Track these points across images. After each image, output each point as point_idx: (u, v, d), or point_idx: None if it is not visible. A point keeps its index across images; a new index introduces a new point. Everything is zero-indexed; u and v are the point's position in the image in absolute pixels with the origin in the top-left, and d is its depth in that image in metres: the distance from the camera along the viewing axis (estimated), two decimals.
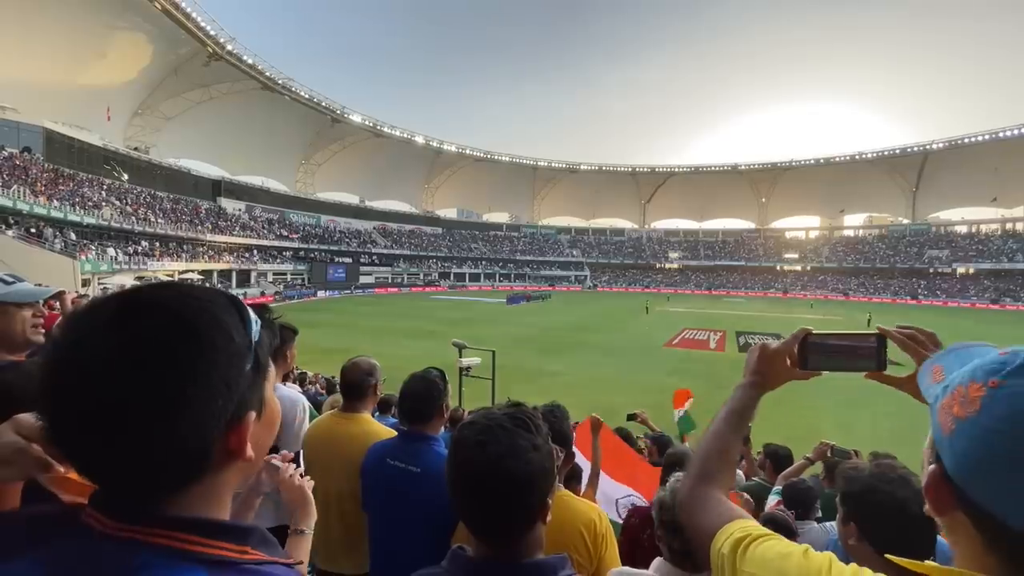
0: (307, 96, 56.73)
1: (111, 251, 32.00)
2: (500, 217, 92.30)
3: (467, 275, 73.43)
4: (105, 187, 38.99)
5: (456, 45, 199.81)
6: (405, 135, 70.34)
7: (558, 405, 1.72)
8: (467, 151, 78.63)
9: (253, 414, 0.54)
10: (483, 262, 76.94)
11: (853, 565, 0.60)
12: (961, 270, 61.79)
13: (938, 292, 58.72)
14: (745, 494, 2.57)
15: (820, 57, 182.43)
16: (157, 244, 38.63)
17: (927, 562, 0.52)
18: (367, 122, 65.09)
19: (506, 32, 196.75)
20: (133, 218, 37.42)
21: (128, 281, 30.56)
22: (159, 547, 0.48)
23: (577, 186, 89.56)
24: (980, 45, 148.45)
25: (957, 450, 0.50)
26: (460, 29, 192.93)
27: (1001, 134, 58.10)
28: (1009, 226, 65.19)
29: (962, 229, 69.91)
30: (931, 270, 64.03)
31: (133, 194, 41.60)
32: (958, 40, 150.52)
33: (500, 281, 73.84)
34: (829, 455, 3.50)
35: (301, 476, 1.25)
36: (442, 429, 1.96)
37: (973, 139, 60.64)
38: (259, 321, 0.58)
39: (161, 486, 0.50)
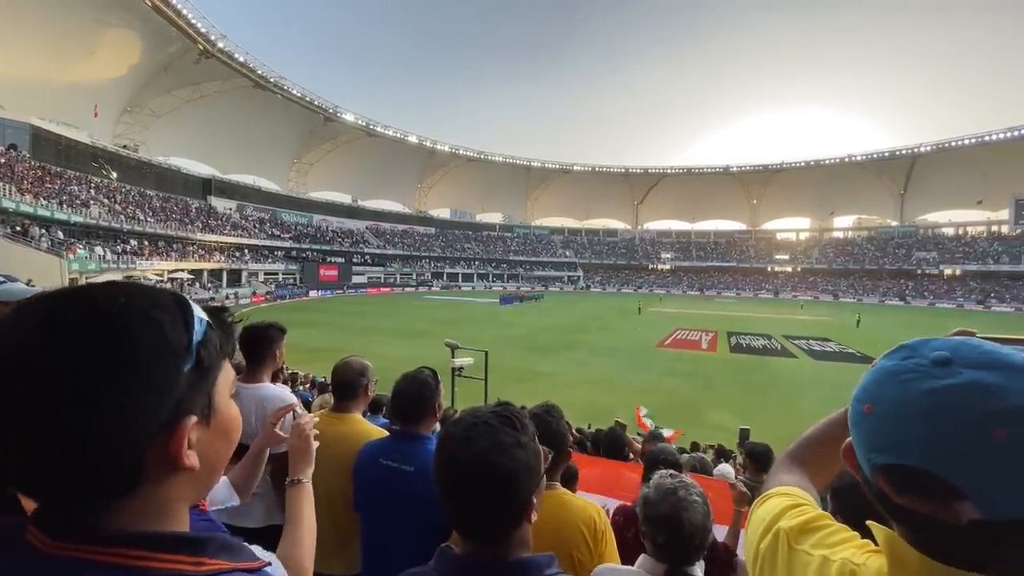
0: (299, 94, 56.41)
1: (99, 250, 31.59)
2: (493, 217, 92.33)
3: (460, 275, 73.33)
4: (93, 185, 38.50)
5: (450, 44, 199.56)
6: (398, 134, 70.16)
7: (553, 405, 1.71)
8: (460, 151, 78.57)
9: (193, 418, 0.50)
10: (476, 262, 76.88)
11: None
12: (948, 272, 62.63)
13: (925, 293, 59.45)
14: (740, 485, 2.59)
15: (812, 60, 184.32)
16: (146, 243, 38.20)
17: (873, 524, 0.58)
18: (360, 121, 64.85)
19: (500, 31, 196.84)
20: (122, 216, 36.98)
21: (116, 280, 30.18)
22: (105, 565, 0.45)
23: (570, 187, 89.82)
24: (966, 51, 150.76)
25: None
26: (454, 28, 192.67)
27: (987, 137, 59.09)
28: (995, 228, 66.21)
29: (949, 231, 70.94)
30: (919, 271, 64.84)
31: (122, 192, 41.11)
32: (945, 46, 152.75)
33: (493, 281, 73.83)
34: None
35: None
36: (435, 429, 1.94)
37: (960, 142, 61.61)
38: (204, 320, 0.53)
39: (90, 497, 0.46)
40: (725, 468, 4.53)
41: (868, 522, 0.59)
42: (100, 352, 0.44)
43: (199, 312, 0.53)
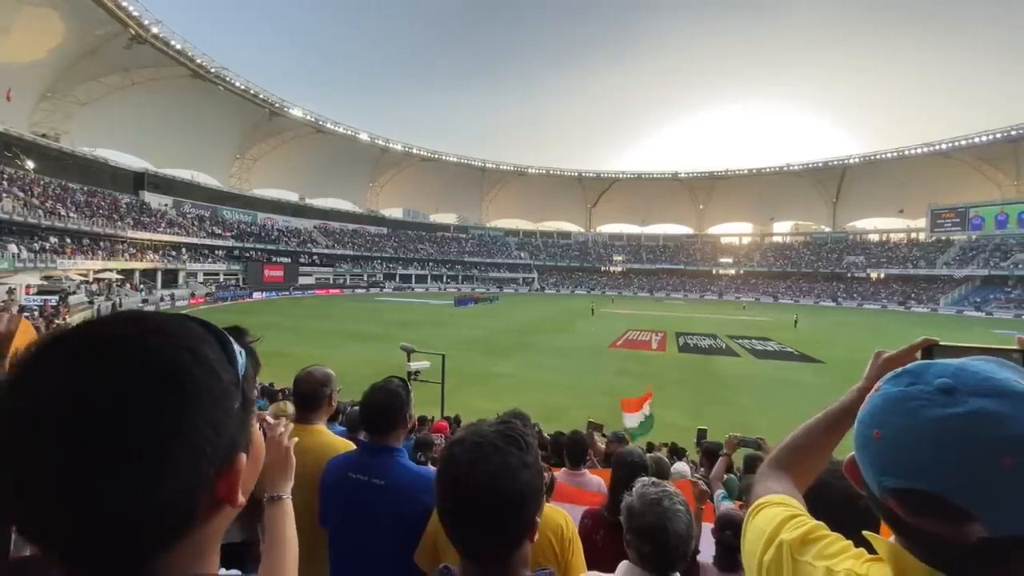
0: (242, 87, 53.85)
1: (12, 247, 28.84)
2: (448, 218, 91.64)
3: (413, 276, 72.21)
4: (6, 176, 35.10)
5: (402, 43, 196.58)
6: (349, 132, 68.32)
7: (523, 414, 1.68)
8: (414, 150, 77.43)
9: (244, 456, 0.48)
10: (430, 263, 75.98)
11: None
12: (874, 275, 67.66)
13: (855, 295, 63.99)
14: (700, 483, 2.65)
15: (754, 69, 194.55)
16: (68, 240, 35.24)
17: (878, 536, 0.61)
18: (308, 117, 62.67)
19: (452, 33, 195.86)
20: (39, 211, 33.92)
21: (33, 280, 27.71)
22: None
23: (525, 189, 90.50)
24: (891, 67, 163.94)
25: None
26: (406, 27, 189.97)
27: (906, 151, 64.44)
28: (913, 235, 72.18)
29: (875, 237, 76.78)
30: (849, 275, 69.69)
31: (40, 185, 37.67)
32: (877, 63, 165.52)
33: (447, 283, 73.18)
34: (738, 445, 3.71)
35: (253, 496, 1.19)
36: (403, 440, 1.86)
37: (883, 156, 66.99)
38: (243, 352, 0.51)
39: (148, 548, 0.43)
40: (681, 467, 4.65)
41: (865, 533, 0.61)
42: (164, 408, 0.41)
43: (235, 344, 0.50)
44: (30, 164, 38.34)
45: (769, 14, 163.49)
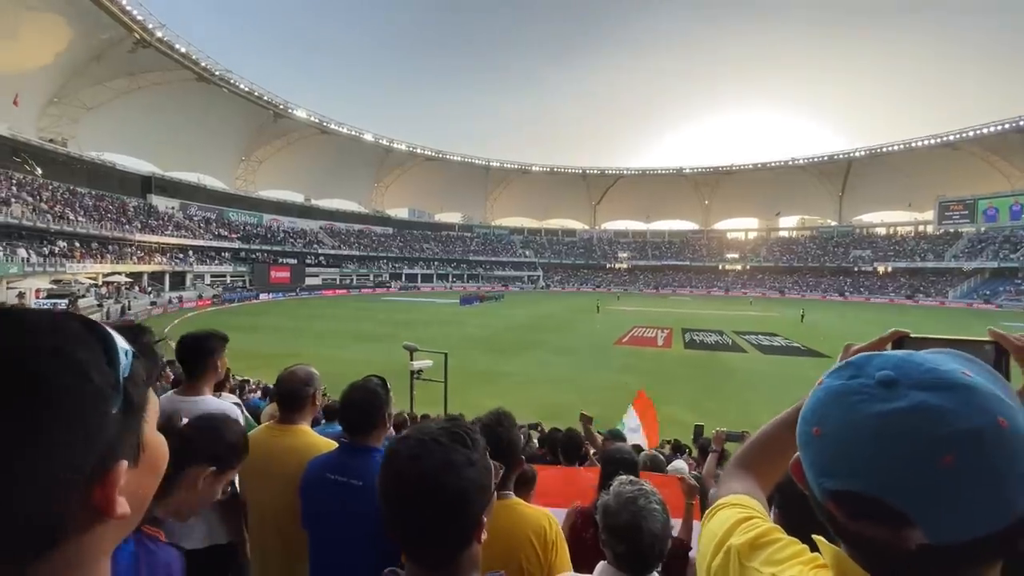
0: (247, 89, 54.09)
1: (22, 252, 29.19)
2: (452, 217, 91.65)
3: (419, 276, 72.36)
4: (15, 182, 35.51)
5: (405, 42, 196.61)
6: (353, 132, 68.50)
7: (505, 413, 1.66)
8: (418, 150, 77.54)
9: (125, 463, 0.44)
10: (435, 263, 76.10)
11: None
12: (881, 269, 67.07)
13: (862, 289, 63.45)
14: (689, 478, 2.64)
15: (759, 66, 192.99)
16: (77, 244, 35.60)
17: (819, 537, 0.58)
18: (312, 118, 62.88)
19: (455, 31, 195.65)
20: (48, 216, 34.29)
21: (43, 284, 28.07)
22: None
23: (529, 187, 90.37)
24: (896, 60, 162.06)
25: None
26: (408, 26, 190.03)
27: (913, 144, 63.67)
28: (921, 228, 71.43)
29: (881, 231, 75.99)
30: (856, 269, 69.11)
31: (49, 190, 38.10)
32: (878, 56, 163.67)
33: (453, 282, 73.29)
34: (725, 440, 3.66)
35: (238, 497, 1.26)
36: (384, 440, 1.86)
37: (889, 148, 66.18)
38: (130, 351, 0.46)
39: (6, 560, 0.39)
40: (679, 464, 4.63)
41: (815, 537, 0.59)
42: (15, 412, 0.37)
43: (121, 342, 0.46)
44: (38, 169, 38.74)
45: (768, 13, 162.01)
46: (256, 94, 55.37)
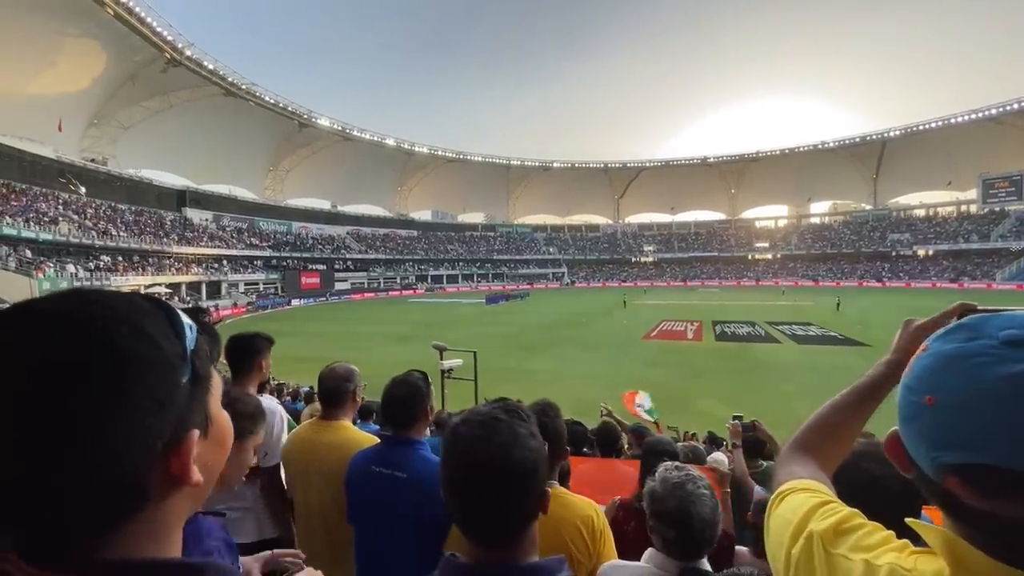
0: (272, 101, 55.55)
1: (70, 267, 30.74)
2: (475, 217, 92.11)
3: (444, 277, 73.00)
4: (61, 201, 37.42)
5: (422, 45, 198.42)
6: (375, 138, 69.60)
7: (551, 403, 1.68)
8: (439, 152, 78.25)
9: (196, 432, 0.46)
10: (460, 263, 76.62)
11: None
12: (921, 252, 64.27)
13: (901, 274, 60.96)
14: (719, 467, 2.60)
15: (782, 53, 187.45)
16: (120, 258, 37.27)
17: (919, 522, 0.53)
18: (336, 125, 64.15)
19: (470, 31, 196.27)
20: (93, 232, 36.00)
21: None
22: None
23: (551, 184, 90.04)
24: (930, 37, 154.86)
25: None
26: (425, 29, 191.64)
27: (952, 120, 60.73)
28: (964, 208, 68.13)
29: (920, 213, 72.88)
30: (894, 253, 66.42)
31: (92, 207, 40.03)
32: (910, 33, 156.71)
33: (478, 282, 73.66)
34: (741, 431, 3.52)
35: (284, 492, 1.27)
36: (427, 433, 1.90)
37: (926, 126, 63.30)
38: (194, 326, 0.50)
39: (91, 526, 0.41)
40: (718, 456, 4.55)
41: (910, 521, 0.54)
42: (94, 376, 0.39)
43: (186, 318, 0.49)
44: (82, 189, 40.73)
45: None
46: (281, 105, 56.81)
